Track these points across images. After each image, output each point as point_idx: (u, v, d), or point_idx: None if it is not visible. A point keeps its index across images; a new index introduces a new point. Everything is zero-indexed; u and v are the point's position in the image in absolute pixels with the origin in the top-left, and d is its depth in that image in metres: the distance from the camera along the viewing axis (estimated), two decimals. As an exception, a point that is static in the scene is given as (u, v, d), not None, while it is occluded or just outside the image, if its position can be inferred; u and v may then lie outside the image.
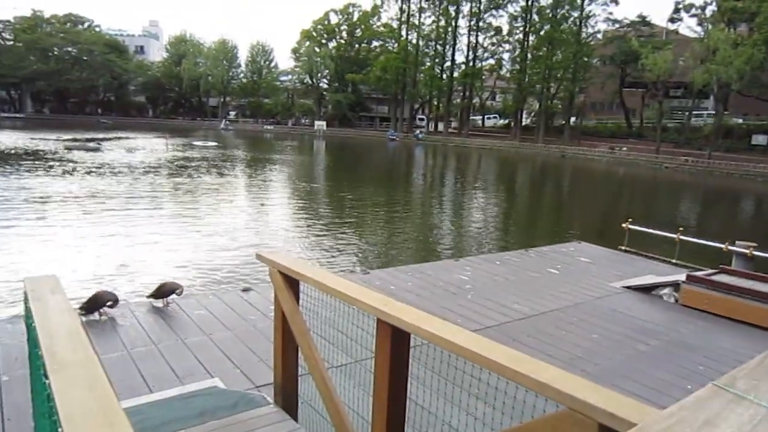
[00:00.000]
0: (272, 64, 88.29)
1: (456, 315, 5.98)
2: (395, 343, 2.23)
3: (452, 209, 22.08)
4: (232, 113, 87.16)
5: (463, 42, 75.75)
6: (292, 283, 3.03)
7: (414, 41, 77.52)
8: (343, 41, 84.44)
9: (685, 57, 52.33)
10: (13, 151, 32.66)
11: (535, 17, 67.74)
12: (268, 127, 79.44)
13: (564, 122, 66.86)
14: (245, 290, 6.38)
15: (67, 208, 16.24)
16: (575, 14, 64.74)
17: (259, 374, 4.38)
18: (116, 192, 19.34)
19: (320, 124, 75.26)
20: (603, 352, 5.27)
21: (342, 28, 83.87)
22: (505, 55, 73.66)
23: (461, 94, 76.07)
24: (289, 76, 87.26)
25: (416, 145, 66.22)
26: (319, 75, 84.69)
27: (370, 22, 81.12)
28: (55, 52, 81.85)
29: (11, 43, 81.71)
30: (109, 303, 5.31)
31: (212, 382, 4.23)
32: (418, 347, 2.46)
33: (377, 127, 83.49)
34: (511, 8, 70.66)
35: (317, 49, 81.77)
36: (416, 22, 77.48)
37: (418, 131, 74.05)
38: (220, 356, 4.74)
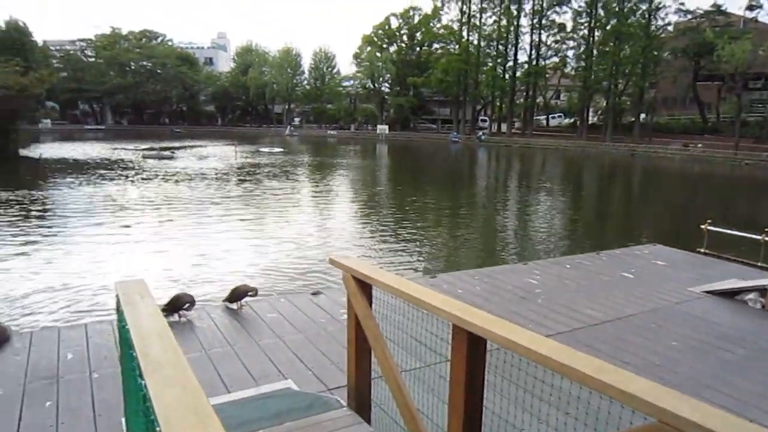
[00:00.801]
0: (335, 70, 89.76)
1: (526, 320, 5.87)
2: (471, 349, 2.22)
3: (517, 211, 21.69)
4: (297, 119, 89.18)
5: (525, 41, 74.50)
6: (364, 287, 3.07)
7: (475, 42, 76.74)
8: (403, 45, 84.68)
9: (765, 46, 49.21)
10: (97, 161, 34.76)
11: (601, 12, 65.56)
12: (332, 132, 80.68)
13: (633, 119, 64.29)
14: (315, 294, 6.51)
15: (144, 213, 17.08)
16: (644, 6, 62.14)
17: (331, 377, 4.46)
18: (190, 198, 20.18)
19: (382, 128, 75.80)
20: (684, 361, 5.04)
21: (402, 32, 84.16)
22: (570, 53, 71.76)
23: (524, 93, 74.66)
24: (351, 82, 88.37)
25: (479, 146, 65.49)
26: (381, 79, 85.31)
27: (431, 24, 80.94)
28: (132, 67, 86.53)
29: (93, 59, 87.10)
30: (187, 305, 5.55)
31: (285, 384, 4.34)
32: (492, 352, 2.44)
33: (439, 129, 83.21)
34: (575, 4, 68.75)
35: (378, 54, 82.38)
36: (477, 23, 76.72)
37: (480, 133, 73.21)
38: (292, 358, 4.85)
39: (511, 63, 74.78)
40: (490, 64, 75.95)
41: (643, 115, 64.59)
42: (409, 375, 4.32)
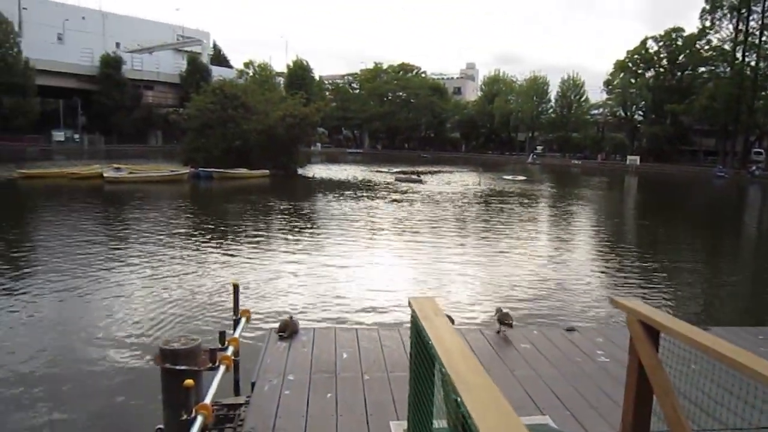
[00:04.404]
0: (583, 98, 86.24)
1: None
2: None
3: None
4: (540, 147, 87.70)
5: (824, 59, 62.23)
6: (651, 333, 2.90)
7: (753, 63, 66.72)
8: (662, 69, 77.66)
9: None
10: (357, 181, 39.00)
11: None
12: (576, 161, 77.49)
13: None
14: (569, 330, 6.32)
15: (395, 230, 18.47)
16: None
17: (592, 421, 4.27)
18: (436, 219, 21.22)
19: (633, 159, 70.32)
20: None
21: (661, 55, 77.26)
22: None
23: (818, 122, 62.45)
24: (600, 109, 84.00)
25: (751, 183, 56.60)
26: (634, 107, 79.47)
27: (697, 46, 72.81)
28: (389, 97, 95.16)
29: (357, 91, 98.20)
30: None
31: (543, 420, 4.28)
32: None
33: (700, 162, 74.05)
34: None
35: (632, 80, 76.94)
36: (756, 42, 66.64)
37: (753, 167, 63.10)
38: (548, 394, 4.77)
39: (800, 87, 63.30)
40: (772, 88, 65.30)
41: None
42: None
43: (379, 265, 13.48)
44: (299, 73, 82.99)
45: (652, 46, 77.23)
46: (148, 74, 74.81)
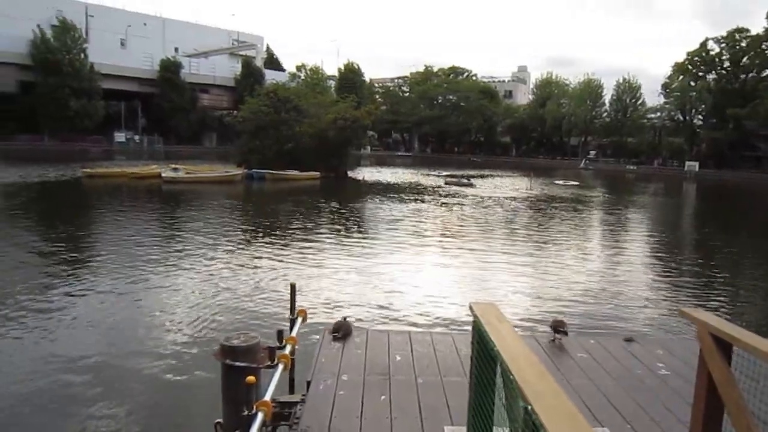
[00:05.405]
0: (639, 102, 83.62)
1: None
2: None
3: None
4: (593, 152, 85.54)
5: None
6: (724, 347, 2.80)
7: (829, 65, 63.12)
8: (724, 72, 74.41)
9: None
10: (406, 184, 39.13)
11: None
12: (631, 167, 75.26)
13: None
14: (627, 340, 6.14)
15: (444, 234, 18.41)
16: None
17: (655, 435, 4.15)
18: (486, 223, 21.04)
19: (691, 165, 67.75)
20: None
21: (723, 57, 73.99)
22: None
23: None
24: (657, 113, 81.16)
25: (821, 190, 53.66)
26: (693, 111, 76.43)
27: (762, 47, 69.30)
28: (439, 100, 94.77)
29: (407, 94, 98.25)
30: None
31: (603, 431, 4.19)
32: None
33: (765, 168, 70.54)
34: None
35: (692, 83, 74.05)
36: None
37: (825, 175, 59.83)
38: (606, 405, 4.65)
39: None
40: None
41: None
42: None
43: (429, 268, 13.47)
44: (350, 76, 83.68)
45: (714, 48, 74.21)
46: (205, 78, 76.96)
